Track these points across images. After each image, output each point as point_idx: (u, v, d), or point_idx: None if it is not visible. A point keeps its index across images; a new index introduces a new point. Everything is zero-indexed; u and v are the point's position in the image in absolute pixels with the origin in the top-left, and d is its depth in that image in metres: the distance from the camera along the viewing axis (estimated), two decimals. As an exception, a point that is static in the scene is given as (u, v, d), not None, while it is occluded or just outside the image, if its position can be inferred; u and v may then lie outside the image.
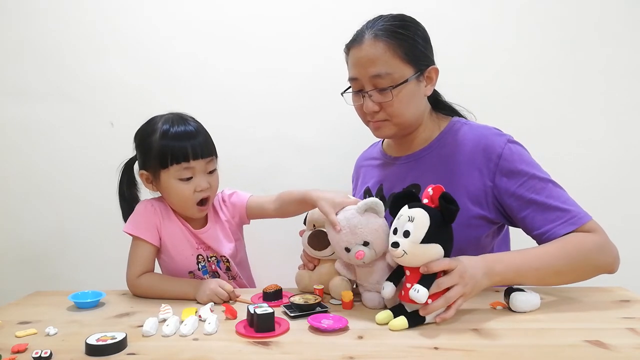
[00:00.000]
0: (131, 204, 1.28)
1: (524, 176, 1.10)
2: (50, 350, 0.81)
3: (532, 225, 1.09)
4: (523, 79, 1.65)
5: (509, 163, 1.11)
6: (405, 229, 0.90)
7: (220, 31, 1.71)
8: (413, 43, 1.14)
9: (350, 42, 1.19)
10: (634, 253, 1.60)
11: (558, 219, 1.06)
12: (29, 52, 1.73)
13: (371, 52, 1.13)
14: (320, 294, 1.06)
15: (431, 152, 1.22)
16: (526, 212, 1.10)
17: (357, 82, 1.18)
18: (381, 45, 1.12)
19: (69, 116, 1.75)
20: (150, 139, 1.20)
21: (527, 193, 1.09)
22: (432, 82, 1.20)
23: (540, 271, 1.01)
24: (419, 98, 1.19)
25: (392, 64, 1.12)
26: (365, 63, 1.14)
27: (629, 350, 0.79)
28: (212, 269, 1.28)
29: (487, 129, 1.19)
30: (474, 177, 1.14)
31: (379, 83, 1.13)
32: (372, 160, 1.39)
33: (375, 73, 1.12)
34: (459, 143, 1.18)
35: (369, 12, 1.20)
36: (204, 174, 1.22)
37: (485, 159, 1.13)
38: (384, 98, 1.14)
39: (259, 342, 0.86)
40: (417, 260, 0.90)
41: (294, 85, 1.71)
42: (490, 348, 0.81)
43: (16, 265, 1.79)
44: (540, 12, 1.63)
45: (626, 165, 1.65)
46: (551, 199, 1.08)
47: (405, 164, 1.26)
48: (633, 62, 1.63)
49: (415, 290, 0.87)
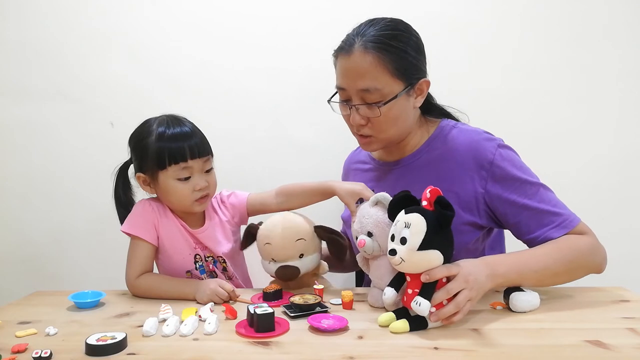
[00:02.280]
0: (127, 208, 1.28)
1: (515, 182, 1.10)
2: (50, 350, 0.81)
3: (526, 229, 1.10)
4: (526, 80, 1.65)
5: (501, 169, 1.11)
6: (402, 235, 0.89)
7: (220, 31, 1.70)
8: (404, 56, 1.09)
9: (339, 49, 1.13)
10: (634, 253, 1.60)
11: (551, 222, 1.07)
12: (29, 52, 1.73)
13: (360, 65, 1.07)
14: (320, 294, 1.06)
15: (420, 158, 1.20)
16: (519, 217, 1.10)
17: (344, 92, 1.13)
18: (370, 58, 1.07)
19: (69, 116, 1.75)
20: (146, 141, 1.20)
21: (519, 199, 1.09)
22: (422, 93, 1.15)
23: (539, 273, 1.02)
24: (408, 112, 1.15)
25: (382, 79, 1.07)
26: (353, 76, 1.09)
27: (629, 350, 0.79)
28: (210, 268, 1.28)
29: (477, 134, 1.16)
30: (465, 183, 1.13)
31: (367, 97, 1.09)
32: (361, 164, 1.37)
33: (364, 87, 1.08)
34: (449, 148, 1.16)
35: (369, 12, 1.20)
36: (201, 172, 1.22)
37: (476, 165, 1.12)
38: (372, 113, 1.10)
39: (259, 342, 0.86)
40: (416, 268, 0.89)
41: (293, 85, 1.71)
42: (490, 348, 0.81)
43: (16, 265, 1.79)
44: (545, 13, 1.63)
45: (628, 165, 1.65)
46: (543, 204, 1.09)
47: (394, 169, 1.24)
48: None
49: (417, 303, 0.86)
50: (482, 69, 1.64)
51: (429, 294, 0.87)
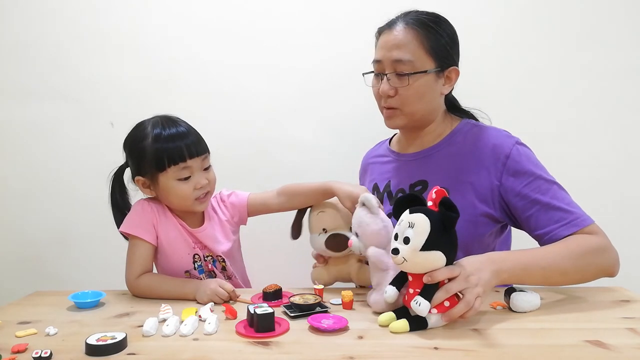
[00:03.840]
0: (124, 212, 1.28)
1: (530, 176, 1.12)
2: (50, 350, 0.81)
3: (535, 224, 1.11)
4: (527, 81, 1.65)
5: (516, 163, 1.13)
6: (406, 235, 0.88)
7: (220, 31, 1.71)
8: (439, 39, 1.18)
9: (383, 27, 1.23)
10: (634, 253, 1.60)
11: (561, 219, 1.08)
12: (29, 53, 1.73)
13: (399, 37, 1.17)
14: (320, 294, 1.06)
15: (440, 151, 1.24)
16: (531, 211, 1.11)
17: (379, 65, 1.21)
18: (410, 32, 1.17)
19: (69, 116, 1.75)
20: (142, 144, 1.20)
21: (532, 193, 1.11)
22: (450, 82, 1.22)
23: (547, 270, 1.01)
24: (434, 93, 1.21)
25: (416, 52, 1.16)
26: (391, 47, 1.18)
27: (629, 350, 0.79)
28: (209, 268, 1.28)
29: (496, 131, 1.22)
30: (482, 176, 1.15)
31: (399, 68, 1.17)
32: (380, 158, 1.40)
33: (398, 57, 1.16)
34: (468, 143, 1.21)
35: (369, 11, 1.21)
36: (200, 171, 1.23)
37: (493, 159, 1.15)
38: (401, 83, 1.17)
39: (259, 342, 0.86)
40: (418, 268, 0.89)
41: (292, 84, 1.71)
42: (490, 348, 0.81)
43: (16, 265, 1.79)
44: (546, 13, 1.63)
45: (628, 165, 1.65)
46: (555, 200, 1.10)
47: (413, 160, 1.28)
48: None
49: (417, 303, 0.86)
50: (483, 69, 1.64)
51: (429, 294, 0.87)
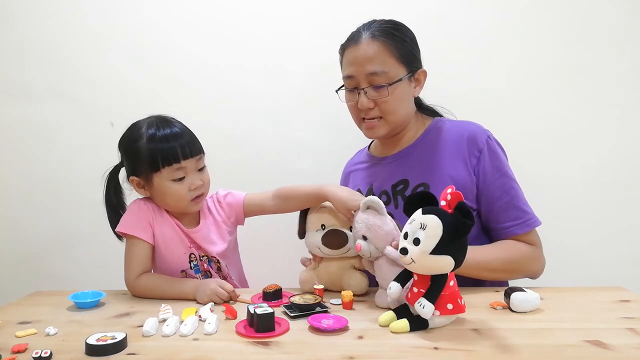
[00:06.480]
0: (119, 212, 1.28)
1: (498, 172, 1.20)
2: (50, 350, 0.81)
3: (495, 219, 1.19)
4: (528, 81, 1.64)
5: (488, 158, 1.20)
6: (416, 236, 0.86)
7: (220, 31, 1.70)
8: (405, 45, 1.21)
9: (347, 42, 1.25)
10: (634, 253, 1.60)
11: (518, 218, 1.17)
12: (29, 52, 1.73)
13: (369, 51, 1.19)
14: (320, 294, 1.06)
15: (417, 149, 1.28)
16: (493, 206, 1.19)
17: (352, 80, 1.22)
18: (378, 44, 1.19)
19: (69, 116, 1.75)
20: (137, 144, 1.20)
21: (497, 190, 1.19)
22: (420, 84, 1.27)
23: (480, 265, 1.10)
24: (410, 98, 1.26)
25: (388, 63, 1.19)
26: (362, 61, 1.19)
27: (629, 350, 0.79)
28: (204, 268, 1.28)
29: (469, 123, 1.27)
30: (460, 169, 1.20)
31: (374, 80, 1.19)
32: (361, 164, 1.42)
33: (372, 71, 1.18)
34: (444, 138, 1.25)
35: (369, 11, 1.21)
36: (195, 171, 1.23)
37: (468, 150, 1.21)
38: (379, 95, 1.20)
39: (259, 342, 0.86)
40: (426, 270, 0.87)
41: (292, 85, 1.71)
42: (490, 348, 0.81)
43: (16, 265, 1.79)
44: (547, 14, 1.63)
45: (628, 165, 1.64)
46: (516, 199, 1.19)
47: (392, 162, 1.31)
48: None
49: (421, 305, 0.85)
50: (484, 70, 1.64)
51: (434, 296, 0.86)
